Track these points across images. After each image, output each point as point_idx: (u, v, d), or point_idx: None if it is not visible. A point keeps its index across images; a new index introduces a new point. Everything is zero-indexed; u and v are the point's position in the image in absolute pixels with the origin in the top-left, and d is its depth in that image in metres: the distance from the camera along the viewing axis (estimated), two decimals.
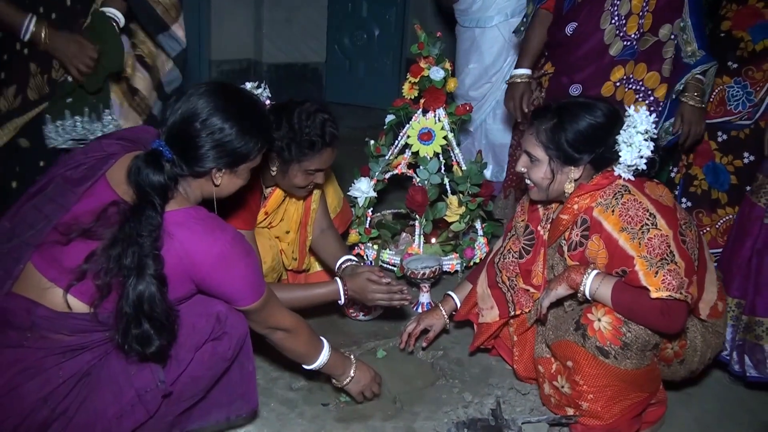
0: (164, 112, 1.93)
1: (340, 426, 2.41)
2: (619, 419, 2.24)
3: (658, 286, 2.05)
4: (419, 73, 3.39)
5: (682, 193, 3.30)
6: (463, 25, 4.48)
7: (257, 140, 1.97)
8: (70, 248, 1.73)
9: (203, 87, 1.91)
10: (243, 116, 1.92)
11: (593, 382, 2.20)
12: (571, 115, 2.28)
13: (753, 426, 2.60)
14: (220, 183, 1.96)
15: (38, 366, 1.71)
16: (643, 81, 2.92)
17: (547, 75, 3.19)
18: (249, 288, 1.95)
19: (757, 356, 2.62)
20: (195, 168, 1.88)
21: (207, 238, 1.81)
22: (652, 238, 2.10)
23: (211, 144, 1.86)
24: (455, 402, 2.55)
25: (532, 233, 2.60)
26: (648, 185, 2.25)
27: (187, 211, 1.83)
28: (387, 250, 3.49)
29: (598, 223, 2.22)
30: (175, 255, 1.76)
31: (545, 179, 2.35)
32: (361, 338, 2.96)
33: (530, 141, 2.36)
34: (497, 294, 2.65)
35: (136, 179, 1.74)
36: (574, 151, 2.27)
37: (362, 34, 6.78)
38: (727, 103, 3.10)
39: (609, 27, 2.86)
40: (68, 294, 1.72)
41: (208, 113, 1.85)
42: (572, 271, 2.26)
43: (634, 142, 2.19)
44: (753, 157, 3.08)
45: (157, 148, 1.82)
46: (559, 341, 2.31)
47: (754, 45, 3.00)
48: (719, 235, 3.19)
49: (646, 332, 2.15)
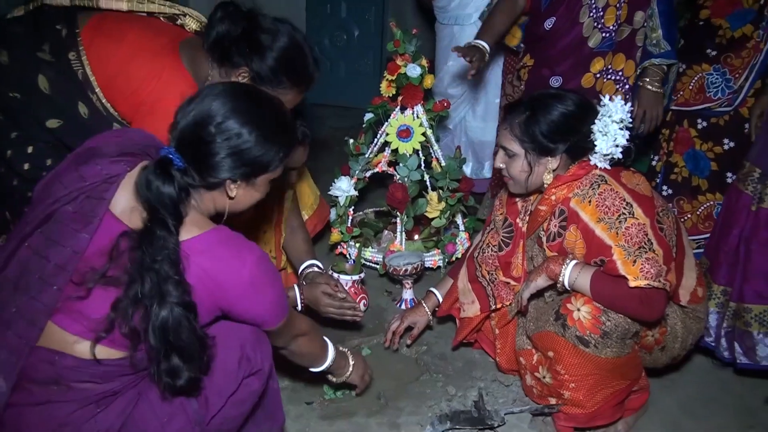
0: (175, 115, 1.70)
1: (325, 423, 2.40)
2: (601, 407, 2.24)
3: (636, 275, 2.05)
4: (396, 71, 3.38)
5: (663, 180, 3.31)
6: (442, 22, 4.48)
7: (279, 148, 1.75)
8: (91, 298, 1.55)
9: (219, 87, 1.72)
10: (264, 121, 1.72)
11: (574, 371, 2.20)
12: (542, 106, 2.28)
13: (737, 409, 2.61)
14: (234, 195, 1.74)
15: (72, 422, 1.56)
16: (622, 71, 2.94)
17: (526, 67, 3.19)
18: (279, 309, 1.80)
19: (746, 343, 2.62)
20: (208, 178, 1.67)
21: (234, 263, 1.63)
22: (629, 227, 2.09)
23: (227, 151, 1.65)
24: (439, 396, 2.55)
25: (510, 226, 2.61)
26: (624, 174, 2.25)
27: (208, 235, 1.64)
28: (369, 248, 3.48)
29: (575, 213, 2.22)
30: (201, 285, 1.59)
31: (523, 172, 2.35)
32: (344, 336, 2.95)
33: (505, 136, 2.36)
34: (477, 288, 2.65)
35: (146, 194, 1.56)
36: (549, 141, 2.27)
37: (342, 34, 6.77)
38: (707, 90, 3.11)
39: (587, 20, 2.87)
40: (97, 345, 1.55)
41: (224, 116, 1.65)
42: (551, 262, 2.26)
43: (609, 131, 2.19)
44: (733, 143, 3.09)
45: (166, 156, 1.61)
46: (540, 332, 2.30)
47: (732, 32, 3.02)
48: (700, 222, 3.20)
49: (625, 321, 2.15)
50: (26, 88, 2.20)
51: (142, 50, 2.19)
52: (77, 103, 2.23)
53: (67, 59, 2.20)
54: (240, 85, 1.85)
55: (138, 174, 1.61)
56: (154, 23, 2.37)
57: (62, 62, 2.20)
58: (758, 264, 2.59)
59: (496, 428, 2.34)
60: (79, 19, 2.26)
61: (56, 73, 2.20)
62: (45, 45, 2.20)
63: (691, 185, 3.23)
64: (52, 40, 2.21)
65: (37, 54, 2.19)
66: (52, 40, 2.21)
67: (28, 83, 2.20)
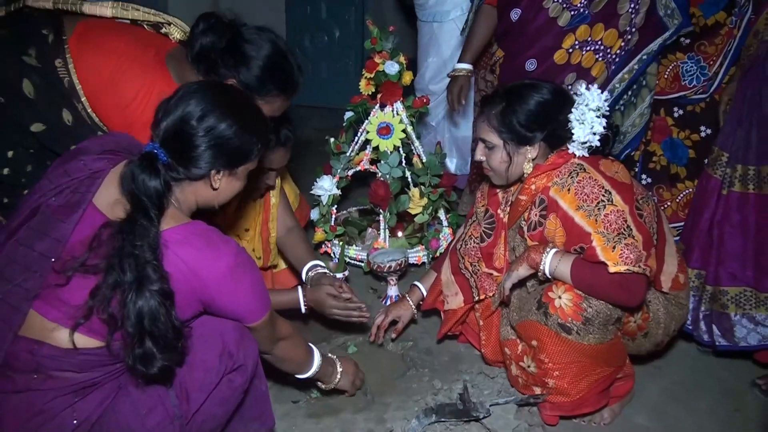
0: (156, 113, 1.78)
1: (312, 421, 2.41)
2: (586, 395, 2.25)
3: (615, 261, 2.06)
4: (374, 68, 3.39)
5: (641, 169, 3.32)
6: (421, 19, 4.50)
7: (257, 139, 1.85)
8: (71, 286, 1.60)
9: (195, 85, 1.80)
10: (241, 113, 1.82)
11: (558, 359, 2.21)
12: (518, 95, 2.31)
13: (723, 393, 2.63)
14: (219, 186, 1.82)
15: (49, 409, 1.60)
16: (601, 40, 2.92)
17: (498, 62, 3.20)
18: (259, 302, 1.85)
19: (724, 325, 2.64)
20: (192, 170, 1.75)
21: (212, 254, 1.69)
22: (608, 214, 2.11)
23: (208, 143, 1.74)
24: (425, 390, 2.56)
25: (492, 217, 2.62)
26: (603, 162, 2.26)
27: (186, 227, 1.70)
28: (353, 246, 3.49)
29: (554, 202, 2.23)
30: (180, 274, 1.63)
31: (503, 163, 2.37)
32: (330, 334, 2.96)
33: (483, 128, 2.38)
34: (461, 280, 2.66)
35: (131, 187, 1.63)
36: (527, 130, 2.29)
37: (323, 35, 6.76)
38: (682, 78, 3.13)
39: (553, 5, 2.87)
40: (75, 332, 1.59)
41: (204, 110, 1.73)
42: (532, 251, 2.27)
43: (587, 119, 2.22)
44: (710, 130, 3.12)
45: (151, 151, 1.69)
46: (523, 321, 2.32)
47: (705, 20, 3.03)
48: (680, 209, 3.22)
49: (607, 307, 2.16)
50: (10, 92, 2.20)
51: (131, 64, 2.21)
52: (62, 109, 2.24)
53: (53, 65, 2.21)
54: (214, 82, 1.91)
55: (123, 168, 1.68)
56: (140, 34, 2.37)
57: (48, 68, 2.21)
58: (731, 247, 2.62)
59: (481, 420, 2.35)
60: (65, 24, 2.26)
61: (41, 79, 2.21)
62: (31, 50, 2.21)
63: (669, 173, 3.25)
64: (38, 45, 2.21)
65: (23, 58, 2.20)
66: (39, 45, 2.21)
67: (13, 87, 2.20)
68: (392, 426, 2.37)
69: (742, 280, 2.62)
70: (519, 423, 2.35)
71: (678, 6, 2.90)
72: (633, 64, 2.99)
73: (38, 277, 1.61)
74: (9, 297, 1.62)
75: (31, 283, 1.61)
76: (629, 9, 2.89)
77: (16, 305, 1.61)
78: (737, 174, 2.58)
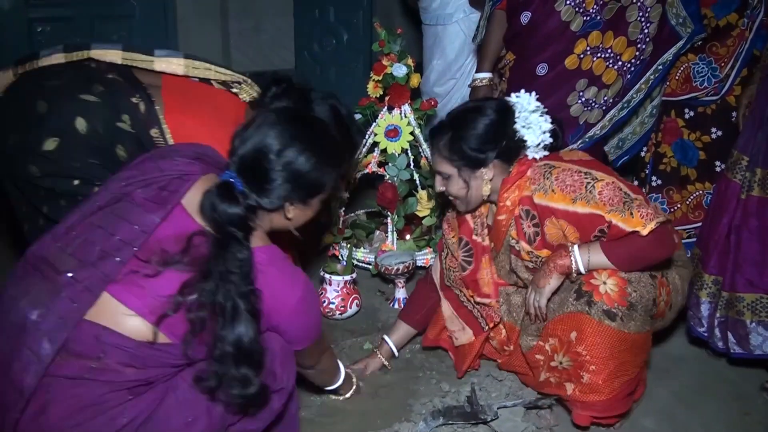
0: (232, 140, 1.82)
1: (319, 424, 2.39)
2: (617, 394, 2.22)
3: (642, 224, 2.07)
4: (382, 71, 3.38)
5: (651, 171, 3.31)
6: (425, 23, 4.50)
7: (333, 170, 1.90)
8: (160, 278, 1.61)
9: (273, 115, 1.83)
10: (319, 146, 1.84)
11: (597, 352, 2.18)
12: (464, 122, 2.35)
13: (732, 397, 2.60)
14: (291, 216, 1.86)
15: (102, 403, 1.55)
16: (611, 48, 2.91)
17: (508, 65, 3.18)
18: (315, 331, 1.93)
19: (739, 332, 2.61)
20: (266, 200, 1.78)
21: (289, 281, 1.76)
22: (602, 191, 2.13)
23: (285, 177, 1.77)
24: (432, 393, 2.55)
25: (468, 244, 2.63)
26: (564, 153, 2.33)
27: (270, 249, 1.76)
28: (361, 249, 3.48)
29: (545, 208, 2.24)
30: (265, 293, 1.69)
31: (462, 189, 2.40)
32: (337, 337, 2.95)
33: (436, 160, 2.42)
34: (464, 313, 2.64)
35: (213, 215, 1.65)
36: (478, 153, 2.32)
37: (331, 39, 6.76)
38: (693, 79, 3.12)
39: (565, 8, 2.85)
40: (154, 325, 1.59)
41: (282, 144, 1.76)
42: (556, 259, 2.26)
43: (531, 122, 2.28)
44: (720, 132, 3.09)
45: (228, 180, 1.72)
46: (560, 316, 2.27)
47: (717, 21, 3.02)
48: (690, 211, 3.20)
49: (646, 290, 2.18)
50: (104, 155, 2.23)
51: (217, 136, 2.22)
52: None
53: (149, 134, 2.30)
54: (292, 111, 1.95)
55: (202, 198, 1.69)
56: (218, 103, 2.45)
57: (144, 136, 2.29)
58: (749, 252, 2.58)
59: (489, 422, 2.33)
60: (150, 92, 2.33)
61: (135, 145, 2.28)
62: (124, 116, 2.27)
63: (680, 175, 3.22)
64: (131, 113, 2.28)
65: (117, 124, 2.25)
66: (131, 113, 2.28)
67: (107, 151, 2.24)
68: (399, 428, 2.35)
69: (759, 287, 2.57)
70: (527, 426, 2.34)
71: (689, 14, 2.89)
72: (649, 74, 2.99)
73: (118, 263, 1.59)
74: (81, 277, 1.57)
75: (110, 267, 1.59)
76: (638, 17, 2.88)
77: (89, 287, 1.57)
78: (756, 178, 2.55)
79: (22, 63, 2.36)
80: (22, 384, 1.50)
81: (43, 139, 2.17)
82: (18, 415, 1.51)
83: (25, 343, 1.52)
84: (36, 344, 1.52)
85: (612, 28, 2.89)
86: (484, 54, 3.22)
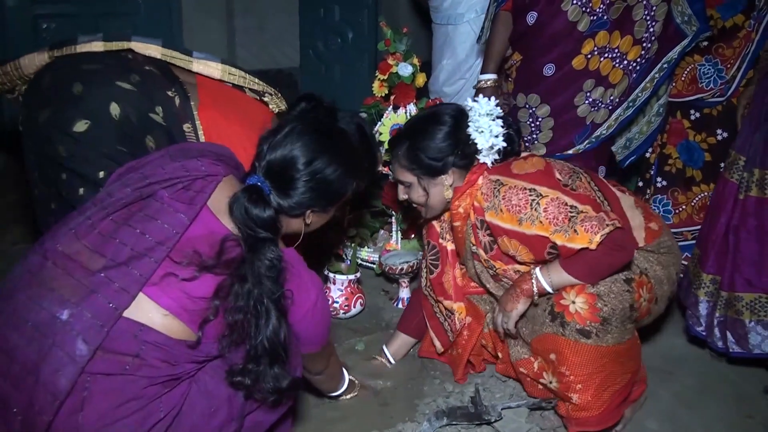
0: (259, 143, 1.89)
1: (322, 424, 2.39)
2: (609, 406, 2.22)
3: (589, 239, 2.05)
4: (387, 70, 3.37)
5: (656, 172, 3.31)
6: (436, 22, 4.46)
7: (353, 180, 1.99)
8: (197, 280, 1.63)
9: (301, 126, 1.89)
10: (345, 157, 1.93)
11: (579, 370, 2.18)
12: (420, 131, 2.36)
13: (735, 399, 2.60)
14: (310, 221, 1.95)
15: (142, 397, 1.56)
16: (618, 47, 2.90)
17: (514, 65, 3.17)
18: (325, 335, 1.98)
19: (738, 331, 2.62)
20: (291, 207, 1.86)
21: (307, 283, 1.81)
22: (546, 208, 2.13)
23: (310, 186, 1.85)
24: (436, 393, 2.55)
25: (435, 248, 2.67)
26: (515, 165, 2.31)
27: (288, 251, 1.80)
28: (365, 248, 3.48)
29: (496, 226, 2.25)
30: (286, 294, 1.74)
31: (423, 197, 2.42)
32: (341, 336, 2.95)
33: (396, 169, 2.44)
34: (435, 324, 2.68)
35: (245, 219, 1.69)
36: (436, 161, 2.33)
37: (336, 37, 6.75)
38: (699, 80, 3.12)
39: (572, 7, 2.83)
40: (184, 323, 1.61)
41: (311, 156, 1.84)
42: (521, 283, 2.27)
43: (483, 126, 2.28)
44: (726, 133, 3.09)
45: (256, 184, 1.77)
46: (538, 336, 2.28)
47: (723, 22, 3.02)
48: (695, 213, 3.20)
49: (618, 300, 2.15)
50: (133, 144, 2.24)
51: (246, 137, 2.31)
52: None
53: (181, 128, 2.33)
54: (319, 122, 1.98)
55: (231, 201, 1.72)
56: (250, 110, 2.52)
57: (175, 130, 2.33)
58: (747, 252, 2.59)
59: (493, 423, 2.33)
60: (186, 88, 2.38)
61: (166, 137, 2.30)
62: (158, 108, 2.30)
63: (685, 176, 3.22)
64: (164, 105, 2.32)
65: (150, 115, 2.28)
66: (165, 105, 2.32)
67: (137, 140, 2.25)
68: (403, 428, 2.35)
69: (757, 287, 2.58)
70: (531, 427, 2.34)
71: (694, 12, 2.88)
72: (654, 72, 2.98)
73: (153, 263, 1.59)
74: (116, 276, 1.56)
75: (145, 267, 1.58)
76: (644, 16, 2.87)
77: (125, 287, 1.56)
78: (754, 178, 2.55)
79: (59, 47, 2.36)
80: (56, 386, 1.48)
81: (75, 120, 2.17)
82: (50, 417, 1.48)
83: (56, 344, 1.49)
84: (69, 345, 1.49)
85: (619, 27, 2.88)
86: (489, 55, 3.21)
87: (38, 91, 2.28)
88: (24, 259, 1.66)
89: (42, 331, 1.51)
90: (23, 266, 1.64)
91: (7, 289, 1.62)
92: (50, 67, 2.33)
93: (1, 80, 2.40)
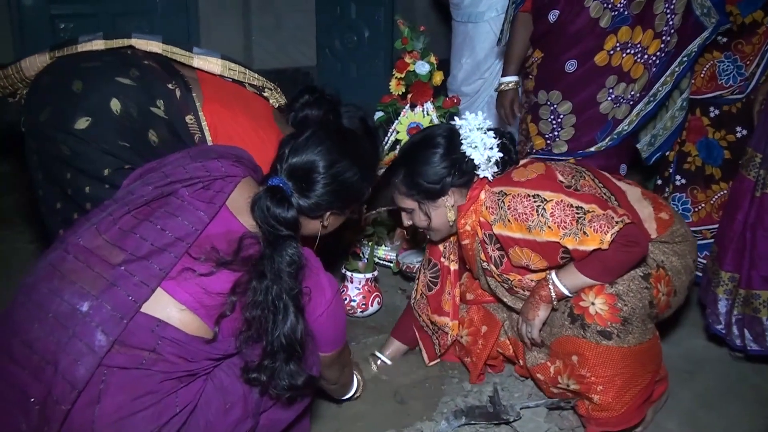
0: (280, 146, 1.93)
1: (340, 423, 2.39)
2: (630, 407, 2.20)
3: (599, 239, 2.03)
4: (405, 68, 3.37)
5: (675, 170, 3.29)
6: (456, 19, 4.45)
7: (371, 182, 2.05)
8: (214, 276, 1.65)
9: (323, 132, 1.94)
10: (365, 162, 2.01)
11: (601, 372, 2.17)
12: (415, 157, 2.34)
13: (755, 399, 2.58)
14: (327, 223, 1.99)
15: (158, 391, 1.58)
16: (640, 42, 2.88)
17: (535, 63, 3.16)
18: (341, 336, 1.98)
19: (756, 329, 2.60)
20: (311, 208, 1.90)
21: (324, 282, 1.83)
22: (553, 213, 2.10)
23: (331, 189, 1.89)
24: (454, 392, 2.55)
25: (436, 265, 2.66)
26: (515, 173, 2.29)
27: (306, 251, 1.81)
28: (383, 247, 3.47)
29: (507, 238, 2.23)
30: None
31: (425, 221, 2.40)
32: (358, 334, 2.95)
33: (396, 197, 2.42)
34: (424, 337, 2.71)
35: (266, 219, 1.72)
36: (434, 184, 2.30)
37: (352, 35, 6.76)
38: (718, 77, 3.10)
39: (594, 4, 2.82)
40: (201, 319, 1.62)
41: (333, 161, 1.89)
42: (539, 290, 2.25)
43: (476, 141, 2.26)
44: (745, 131, 3.07)
45: (278, 185, 1.81)
46: (558, 339, 2.27)
47: (743, 18, 2.99)
48: (714, 211, 3.18)
49: (637, 298, 2.15)
50: (136, 138, 2.24)
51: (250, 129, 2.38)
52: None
53: (183, 121, 2.33)
54: (339, 129, 2.04)
55: (254, 200, 1.76)
56: (252, 105, 2.51)
57: (178, 123, 2.32)
58: (764, 249, 2.58)
59: (511, 423, 2.33)
60: (188, 81, 2.37)
61: (168, 131, 2.30)
62: (159, 102, 2.29)
63: (704, 174, 3.20)
64: (165, 98, 2.30)
65: (151, 109, 2.27)
66: (166, 98, 2.31)
67: (139, 134, 2.25)
68: (421, 427, 2.35)
69: None
70: (549, 427, 2.34)
71: (714, 4, 2.85)
72: (674, 66, 2.96)
73: (173, 258, 1.61)
74: (136, 272, 1.58)
75: (165, 262, 1.60)
76: (665, 9, 2.85)
77: (144, 281, 1.58)
78: None
79: (60, 47, 2.37)
80: (75, 376, 1.49)
81: (76, 118, 2.17)
82: (68, 406, 1.49)
83: (75, 335, 1.51)
84: (89, 336, 1.51)
85: (640, 22, 2.86)
86: (510, 57, 3.20)
87: (38, 91, 2.29)
88: (46, 253, 1.68)
89: (62, 322, 1.53)
90: (45, 260, 1.65)
91: (29, 282, 1.63)
92: (50, 67, 2.34)
93: (3, 83, 2.40)
